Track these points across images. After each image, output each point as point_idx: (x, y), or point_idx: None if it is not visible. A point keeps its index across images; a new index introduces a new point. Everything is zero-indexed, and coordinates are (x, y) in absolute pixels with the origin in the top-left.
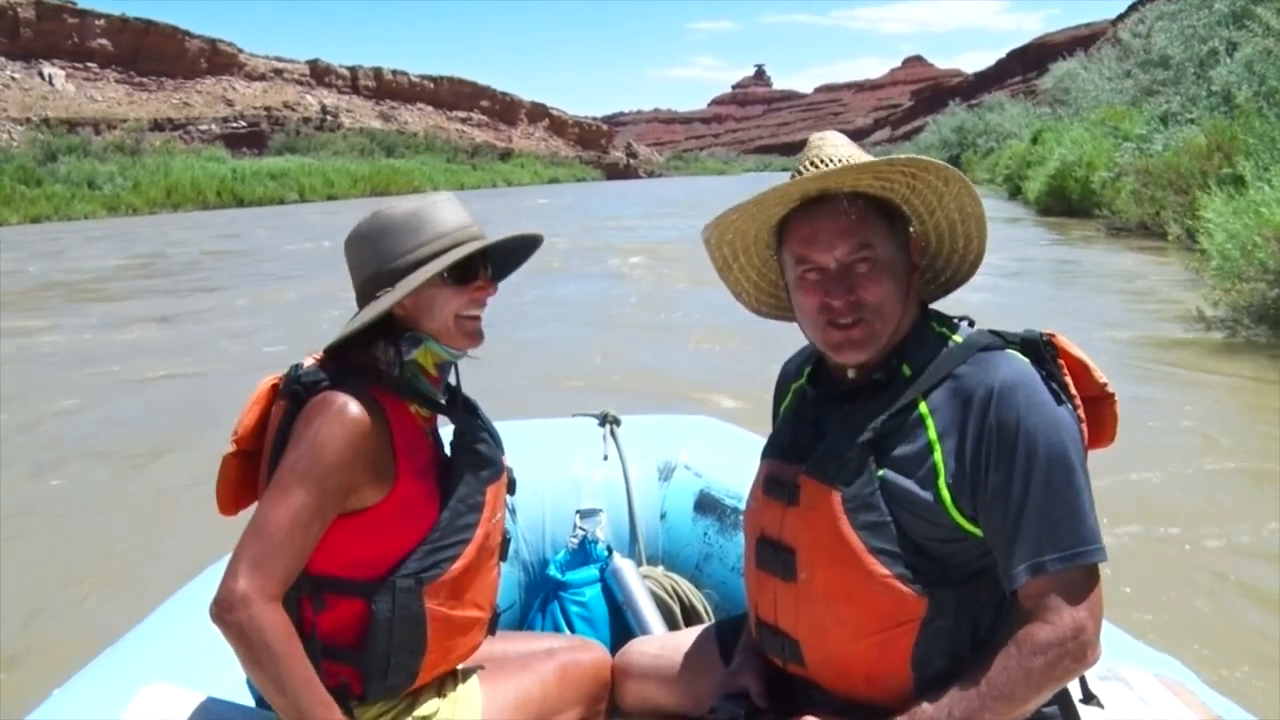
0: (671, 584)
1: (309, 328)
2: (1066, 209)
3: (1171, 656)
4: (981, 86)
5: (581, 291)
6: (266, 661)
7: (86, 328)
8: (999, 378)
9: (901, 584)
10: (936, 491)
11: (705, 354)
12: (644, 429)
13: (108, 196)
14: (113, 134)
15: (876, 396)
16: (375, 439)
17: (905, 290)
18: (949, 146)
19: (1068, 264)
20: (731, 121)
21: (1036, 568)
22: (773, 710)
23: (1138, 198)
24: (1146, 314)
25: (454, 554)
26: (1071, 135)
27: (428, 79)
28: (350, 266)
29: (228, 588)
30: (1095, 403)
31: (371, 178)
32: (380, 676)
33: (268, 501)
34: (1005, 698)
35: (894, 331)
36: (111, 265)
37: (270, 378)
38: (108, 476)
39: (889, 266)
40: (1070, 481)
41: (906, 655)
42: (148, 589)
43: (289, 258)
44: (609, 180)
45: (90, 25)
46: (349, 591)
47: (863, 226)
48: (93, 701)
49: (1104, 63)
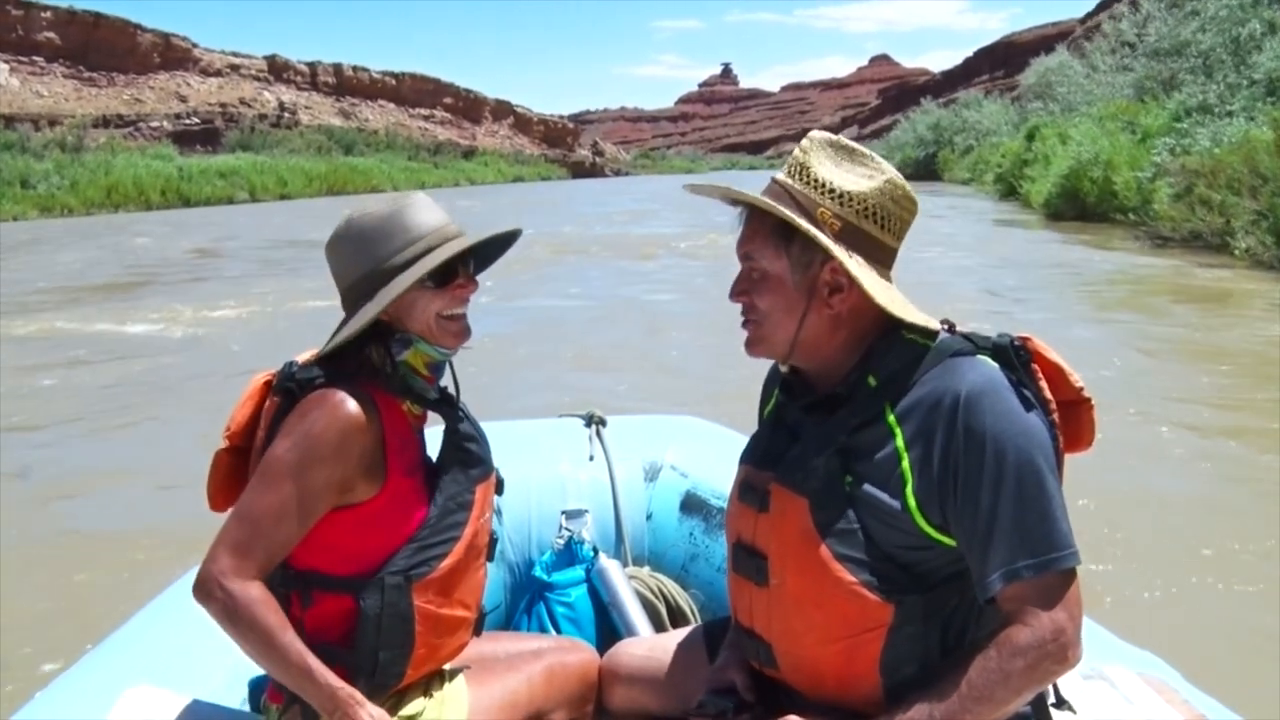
0: (657, 584)
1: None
2: (1080, 213)
3: (1155, 655)
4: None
5: (553, 291)
6: (257, 635)
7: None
8: (966, 385)
9: (868, 590)
10: (904, 500)
11: (691, 352)
12: (630, 429)
13: (41, 196)
14: (53, 131)
15: (845, 405)
16: (368, 435)
17: (800, 309)
18: (924, 144)
19: (1141, 291)
20: (699, 120)
21: (1010, 575)
22: (758, 708)
23: (1187, 203)
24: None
25: (443, 552)
26: (1081, 131)
27: (389, 75)
28: (333, 273)
29: (206, 569)
30: (1072, 407)
31: (328, 176)
32: (368, 674)
33: (253, 489)
34: (985, 700)
35: (850, 343)
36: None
37: (263, 374)
38: (91, 477)
39: (775, 283)
40: (1040, 488)
41: (875, 660)
42: (132, 589)
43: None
44: (575, 179)
45: (36, 18)
46: (337, 588)
47: (753, 239)
48: (77, 703)
49: (1096, 55)
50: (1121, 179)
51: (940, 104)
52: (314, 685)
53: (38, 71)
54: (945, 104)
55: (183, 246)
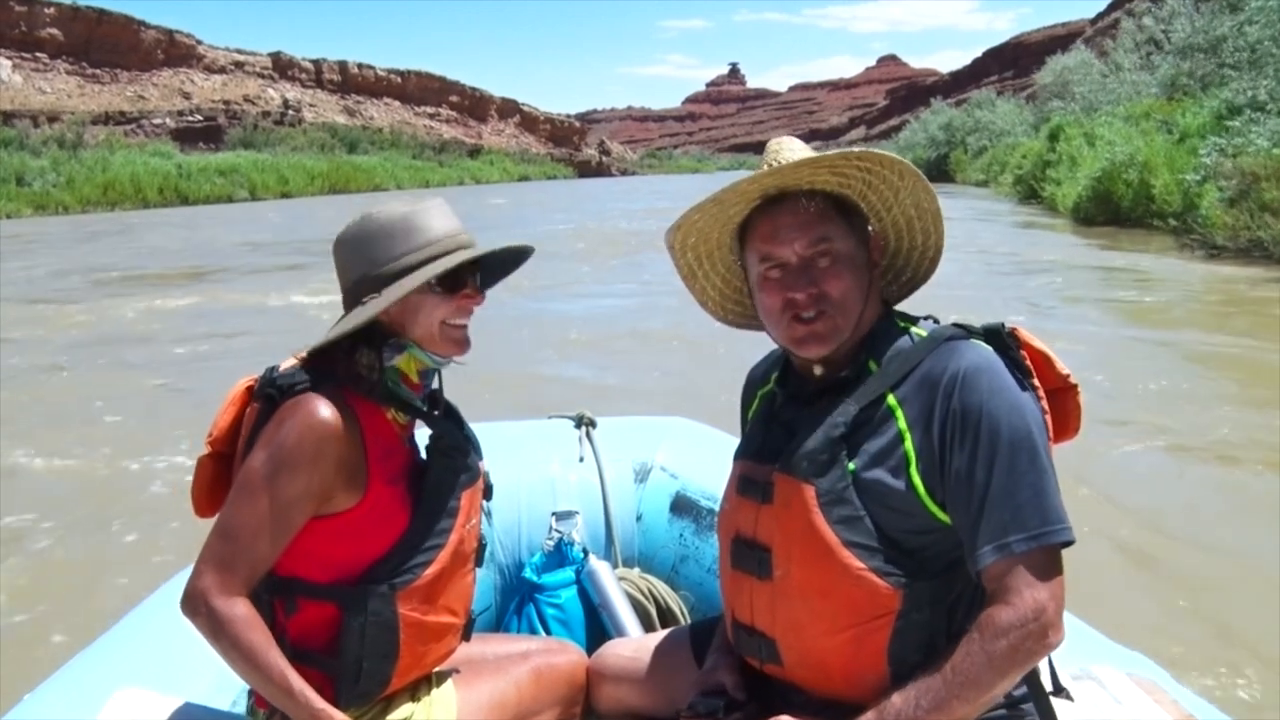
0: (648, 586)
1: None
2: (1112, 217)
3: (1144, 655)
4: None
5: (554, 297)
6: (241, 653)
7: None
8: (963, 364)
9: (877, 577)
10: (909, 480)
11: (680, 355)
12: (620, 430)
13: (36, 194)
14: (52, 127)
15: (846, 392)
16: (346, 444)
17: (866, 285)
18: (936, 145)
19: (1210, 307)
20: (705, 120)
21: (1001, 548)
22: (748, 708)
23: (1244, 208)
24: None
25: (427, 560)
26: (1113, 131)
27: (395, 73)
28: (338, 269)
29: (192, 585)
30: (1059, 394)
31: (330, 175)
32: (352, 682)
33: (233, 503)
34: (971, 684)
35: (856, 328)
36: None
37: (245, 380)
38: (81, 480)
39: (849, 261)
40: (1034, 463)
41: (883, 649)
42: (122, 592)
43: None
44: (581, 178)
45: (39, 14)
46: (321, 596)
47: (821, 221)
48: (66, 705)
49: (1120, 53)
50: (1160, 182)
51: (951, 104)
52: (295, 705)
53: (41, 68)
54: (957, 104)
55: (232, 240)
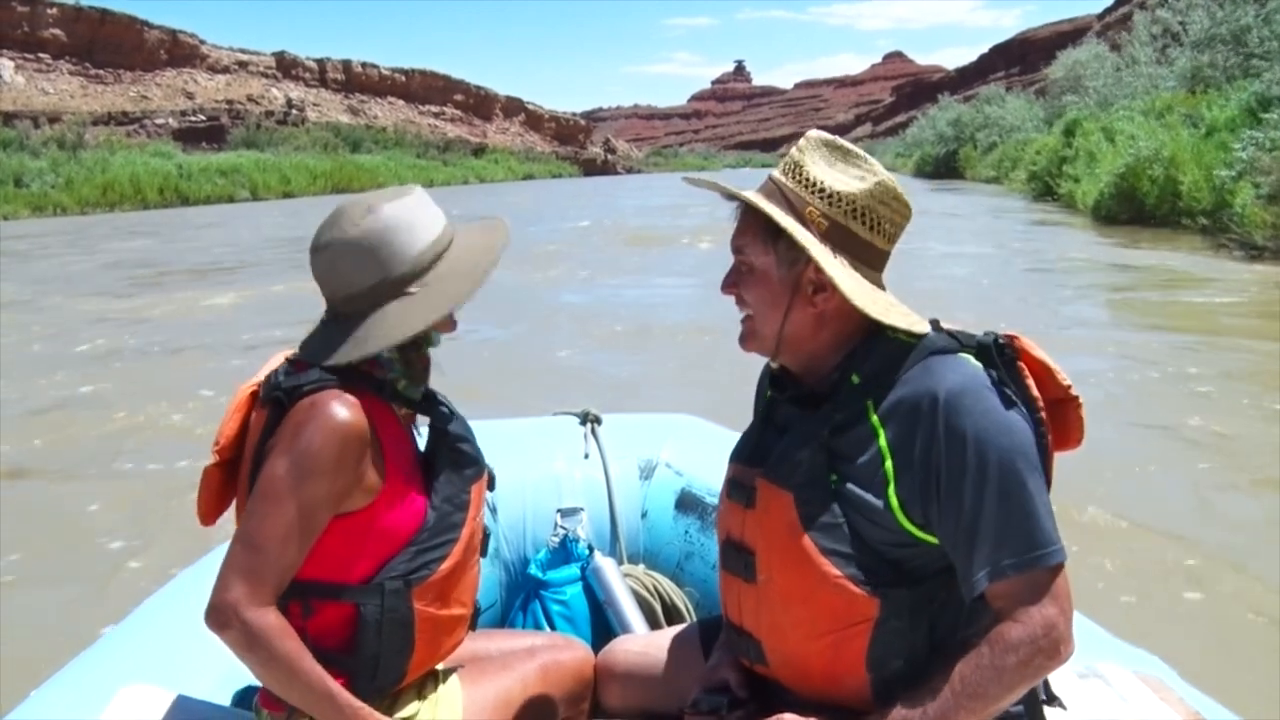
0: (653, 582)
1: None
2: (1135, 215)
3: (1151, 654)
4: (964, 82)
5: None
6: (279, 663)
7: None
8: (946, 385)
9: (854, 585)
10: (887, 500)
11: (686, 351)
12: (625, 427)
13: (34, 195)
14: (53, 128)
15: (830, 401)
16: (365, 442)
17: (784, 308)
18: (945, 141)
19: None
20: (711, 117)
21: (995, 573)
22: (751, 705)
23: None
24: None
25: (442, 554)
26: (1135, 125)
27: (399, 72)
28: (339, 273)
29: (220, 598)
30: (1060, 405)
31: (332, 174)
32: (369, 678)
33: (257, 512)
34: (979, 696)
35: (836, 347)
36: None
37: (248, 385)
38: (86, 479)
39: (762, 277)
40: (1022, 486)
41: (861, 655)
42: (127, 590)
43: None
44: (586, 176)
45: (42, 14)
46: (337, 596)
47: (743, 232)
48: (71, 702)
49: (1135, 46)
50: (1189, 178)
51: (959, 100)
52: (337, 710)
53: (44, 68)
54: (965, 99)
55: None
